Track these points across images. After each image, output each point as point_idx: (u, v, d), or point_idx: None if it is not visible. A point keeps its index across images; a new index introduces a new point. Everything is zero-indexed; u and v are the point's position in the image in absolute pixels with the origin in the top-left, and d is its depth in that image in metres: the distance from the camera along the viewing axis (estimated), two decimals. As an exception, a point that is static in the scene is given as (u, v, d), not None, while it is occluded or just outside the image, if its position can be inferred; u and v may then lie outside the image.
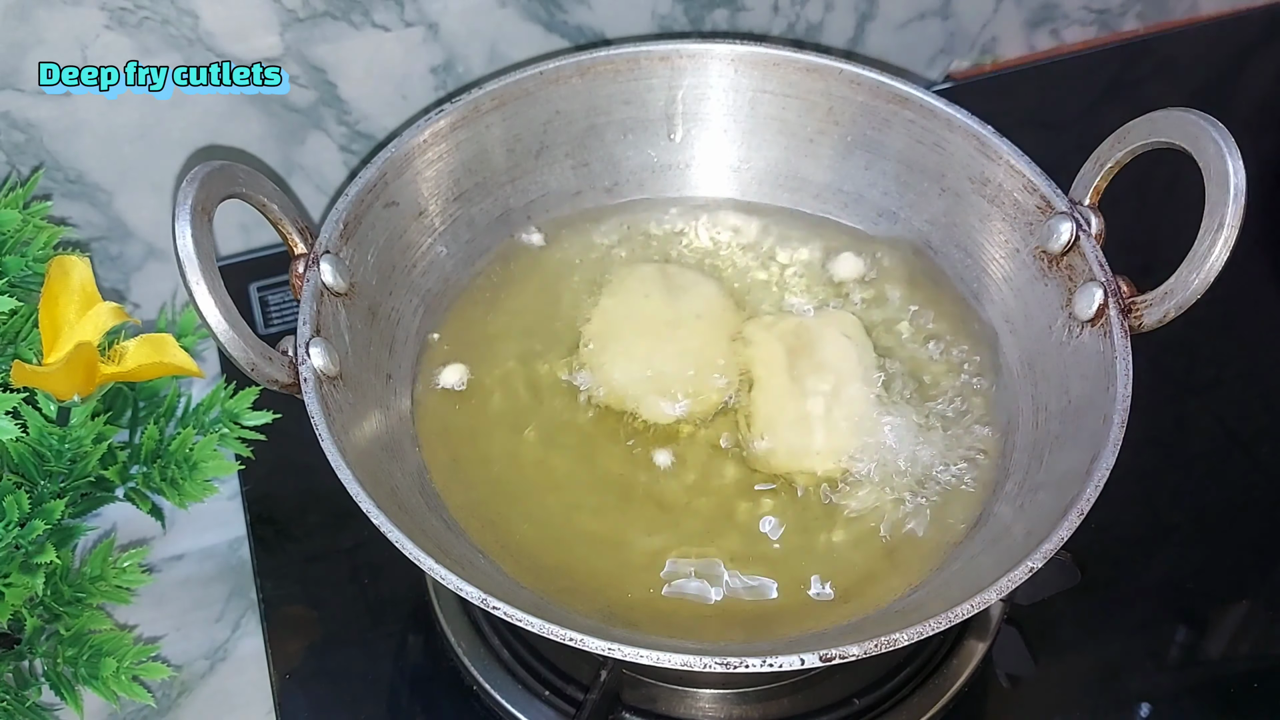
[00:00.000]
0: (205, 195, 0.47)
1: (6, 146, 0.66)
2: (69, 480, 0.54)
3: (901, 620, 0.44)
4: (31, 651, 0.55)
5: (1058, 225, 0.56)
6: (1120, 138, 0.54)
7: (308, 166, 0.74)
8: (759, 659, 0.42)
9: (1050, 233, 0.56)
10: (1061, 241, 0.55)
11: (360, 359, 0.54)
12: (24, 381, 0.49)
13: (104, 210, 0.70)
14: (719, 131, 0.66)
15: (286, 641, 0.60)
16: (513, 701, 0.56)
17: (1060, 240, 0.55)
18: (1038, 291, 0.57)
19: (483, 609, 0.43)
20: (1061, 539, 0.45)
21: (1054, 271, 0.56)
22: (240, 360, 0.47)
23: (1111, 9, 0.91)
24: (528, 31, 0.73)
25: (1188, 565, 0.64)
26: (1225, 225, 0.49)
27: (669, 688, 0.56)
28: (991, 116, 0.60)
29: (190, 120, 0.69)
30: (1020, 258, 0.59)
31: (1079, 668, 0.60)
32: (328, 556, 0.64)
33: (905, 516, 0.54)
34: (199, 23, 0.65)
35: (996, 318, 0.60)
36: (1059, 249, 0.56)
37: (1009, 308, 0.59)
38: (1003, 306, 0.60)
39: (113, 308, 0.50)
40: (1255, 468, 0.68)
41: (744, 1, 0.78)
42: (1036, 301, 0.57)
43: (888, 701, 0.56)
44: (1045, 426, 0.54)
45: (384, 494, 0.48)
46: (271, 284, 0.75)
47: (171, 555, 0.66)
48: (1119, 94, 0.89)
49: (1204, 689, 0.59)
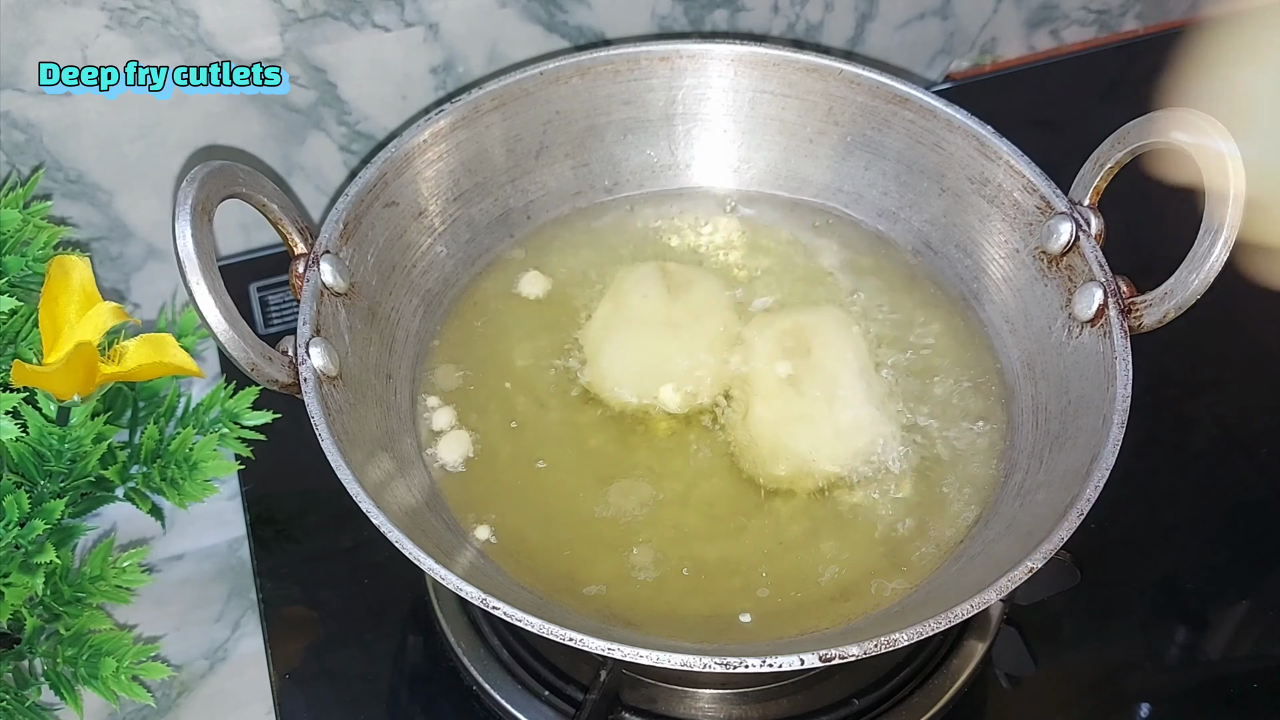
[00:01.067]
0: (205, 195, 0.47)
1: (7, 146, 0.66)
2: (69, 480, 0.54)
3: (901, 620, 0.44)
4: (31, 651, 0.55)
5: (1057, 225, 0.56)
6: (1120, 138, 0.54)
7: (308, 166, 0.74)
8: (758, 659, 0.42)
9: (1050, 233, 0.56)
10: (1061, 242, 0.55)
11: (360, 359, 0.54)
12: (24, 381, 0.49)
13: (104, 210, 0.70)
14: (719, 131, 0.66)
15: (286, 641, 0.60)
16: (513, 701, 0.56)
17: (1060, 240, 0.55)
18: (1037, 292, 0.57)
19: (483, 609, 0.43)
20: (1061, 539, 0.45)
21: (1054, 272, 0.56)
22: (240, 360, 0.47)
23: (1111, 9, 0.91)
24: (528, 32, 0.73)
25: (1187, 565, 0.64)
26: (1225, 226, 0.49)
27: (669, 688, 0.56)
28: (991, 117, 0.60)
29: (190, 120, 0.69)
30: (1020, 258, 0.59)
31: (1078, 668, 0.60)
32: (328, 556, 0.64)
33: (904, 517, 0.54)
34: (199, 23, 0.65)
35: (996, 318, 0.60)
36: (1059, 249, 0.56)
37: (1008, 308, 0.59)
38: (1002, 307, 0.60)
39: (113, 307, 0.50)
40: (1254, 468, 0.68)
41: (744, 2, 0.78)
42: (1036, 302, 0.57)
43: (887, 701, 0.56)
44: (1045, 426, 0.54)
45: (384, 494, 0.48)
46: (271, 284, 0.75)
47: (171, 555, 0.66)
48: (1119, 94, 0.89)
49: (1203, 689, 0.59)
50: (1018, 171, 0.58)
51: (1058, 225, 0.56)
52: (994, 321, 0.60)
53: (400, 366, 0.58)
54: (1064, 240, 0.55)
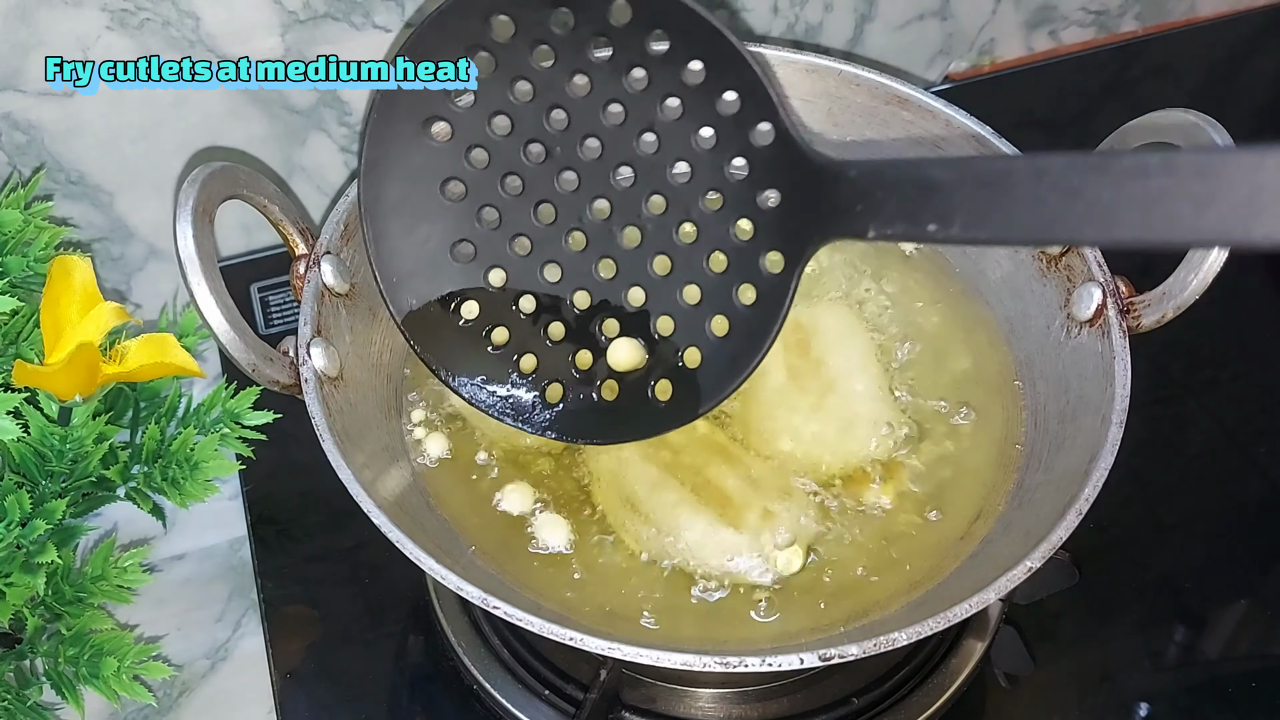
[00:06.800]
0: (206, 196, 0.47)
1: (8, 147, 0.66)
2: (70, 480, 0.54)
3: (901, 620, 0.44)
4: (33, 651, 0.55)
5: (1056, 226, 0.56)
6: (1119, 138, 0.54)
7: (309, 167, 0.74)
8: (758, 658, 0.42)
9: (1049, 233, 0.56)
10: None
11: (361, 359, 0.55)
12: (25, 381, 0.49)
13: (105, 211, 0.70)
14: (719, 132, 0.66)
15: (287, 641, 0.60)
16: (513, 701, 0.57)
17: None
18: (1036, 291, 0.57)
19: (483, 609, 0.43)
20: (1060, 538, 0.45)
21: (1053, 272, 0.56)
22: (241, 361, 0.47)
23: (1110, 10, 0.91)
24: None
25: (1186, 565, 0.64)
26: (1223, 226, 0.49)
27: (669, 687, 0.56)
28: (990, 117, 0.60)
29: (191, 121, 0.69)
30: (1019, 258, 0.59)
31: (1077, 667, 0.60)
32: (328, 556, 0.64)
33: (903, 516, 0.54)
34: (200, 24, 0.65)
35: (995, 317, 0.60)
36: (1057, 249, 0.56)
37: (1008, 308, 0.59)
38: (1001, 306, 0.60)
39: (114, 308, 0.51)
40: (1253, 468, 0.68)
41: (743, 2, 0.78)
42: (1035, 301, 0.57)
43: (887, 701, 0.56)
44: (1044, 426, 0.54)
45: (384, 494, 0.49)
46: (272, 284, 0.75)
47: (172, 555, 0.66)
48: (1118, 95, 0.89)
49: (1202, 688, 0.60)
50: (1017, 172, 0.58)
51: (1056, 226, 0.56)
52: (993, 321, 0.60)
53: (400, 367, 0.58)
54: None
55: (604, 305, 0.51)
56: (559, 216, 0.50)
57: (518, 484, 0.54)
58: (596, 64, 0.47)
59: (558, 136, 0.49)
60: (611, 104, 0.48)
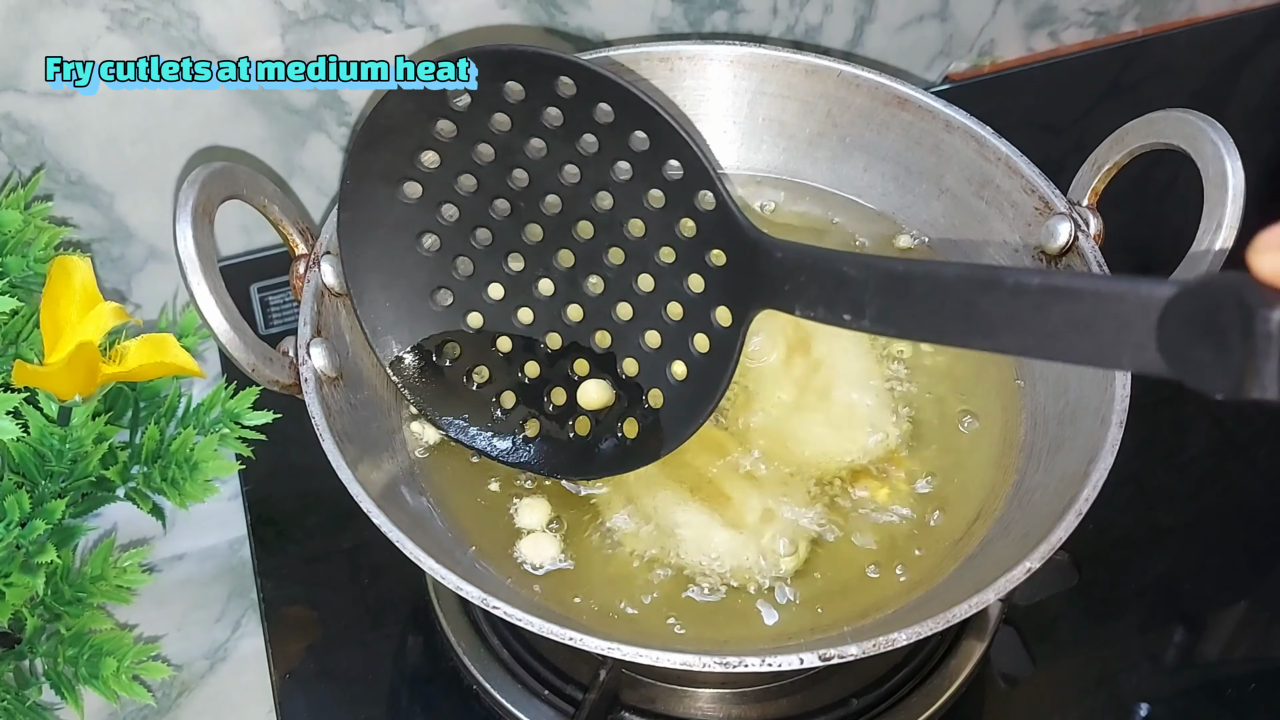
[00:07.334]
0: (206, 197, 0.47)
1: (8, 147, 0.66)
2: (70, 480, 0.54)
3: (900, 620, 0.44)
4: (32, 651, 0.55)
5: (1056, 226, 0.56)
6: (1119, 139, 0.54)
7: (309, 168, 0.74)
8: (758, 658, 0.42)
9: (1049, 233, 0.56)
10: (1060, 242, 0.55)
11: (361, 359, 0.55)
12: (25, 381, 0.50)
13: (105, 211, 0.70)
14: (718, 133, 0.66)
15: (287, 642, 0.60)
16: (513, 701, 0.57)
17: (1059, 241, 0.56)
18: (1036, 293, 0.57)
19: (483, 609, 0.43)
20: (1059, 539, 0.45)
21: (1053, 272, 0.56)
22: (241, 361, 0.47)
23: (1110, 11, 0.92)
24: (528, 34, 0.74)
25: (1185, 566, 0.64)
26: (1224, 226, 0.49)
27: (668, 687, 0.56)
28: (990, 118, 0.60)
29: (191, 122, 0.69)
30: (1019, 258, 0.59)
31: (1077, 668, 0.60)
32: (328, 557, 0.64)
33: (903, 516, 0.54)
34: (200, 25, 0.65)
35: (995, 319, 0.60)
36: (1057, 249, 0.56)
37: (1007, 309, 0.59)
38: (1001, 307, 0.60)
39: (114, 308, 0.51)
40: (1252, 470, 0.68)
41: (743, 4, 0.78)
42: (1035, 302, 0.57)
43: (886, 701, 0.56)
44: (1043, 427, 0.54)
45: (384, 494, 0.49)
46: (272, 285, 0.75)
47: (172, 555, 0.66)
48: (1117, 95, 0.89)
49: (1202, 690, 0.60)
50: (1017, 172, 0.58)
51: (1056, 225, 0.56)
52: (993, 322, 0.60)
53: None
54: (1063, 240, 0.55)
55: (575, 346, 0.54)
56: (527, 265, 0.53)
57: (534, 499, 0.54)
58: (550, 130, 0.49)
59: (520, 193, 0.51)
60: (567, 165, 0.50)
